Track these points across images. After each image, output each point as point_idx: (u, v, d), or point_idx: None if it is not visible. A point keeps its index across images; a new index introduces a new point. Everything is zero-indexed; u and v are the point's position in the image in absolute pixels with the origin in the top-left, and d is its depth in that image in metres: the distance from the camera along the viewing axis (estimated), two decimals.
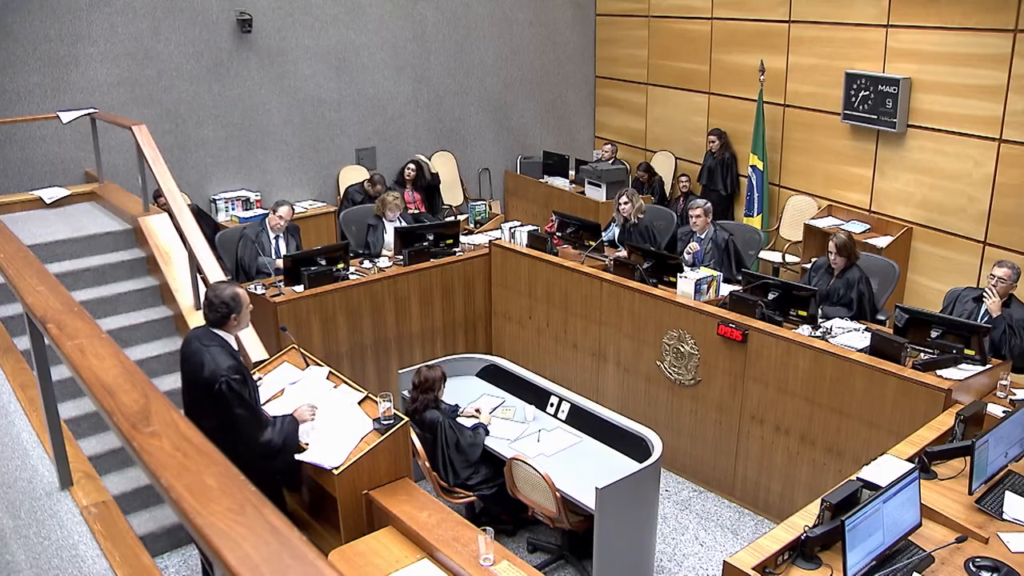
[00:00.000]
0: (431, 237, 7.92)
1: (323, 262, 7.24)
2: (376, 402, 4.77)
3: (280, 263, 7.46)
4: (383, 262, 7.75)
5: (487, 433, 5.80)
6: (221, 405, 4.39)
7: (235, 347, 4.64)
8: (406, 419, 4.76)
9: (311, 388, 5.12)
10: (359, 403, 4.93)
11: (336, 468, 4.46)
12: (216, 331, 4.57)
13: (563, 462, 5.55)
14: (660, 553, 5.92)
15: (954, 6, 8.25)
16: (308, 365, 5.33)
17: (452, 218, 9.57)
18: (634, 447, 5.56)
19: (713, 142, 10.69)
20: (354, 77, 10.60)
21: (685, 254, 7.66)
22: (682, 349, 6.52)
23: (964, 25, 8.19)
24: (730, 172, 10.71)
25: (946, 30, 8.37)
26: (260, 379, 5.22)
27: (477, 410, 6.07)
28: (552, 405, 6.14)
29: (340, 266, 7.35)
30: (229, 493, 1.61)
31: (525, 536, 6.02)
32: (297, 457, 4.58)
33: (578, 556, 5.67)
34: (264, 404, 4.95)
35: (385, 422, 4.69)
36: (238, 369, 4.48)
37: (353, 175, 10.49)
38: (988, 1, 7.95)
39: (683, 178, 10.97)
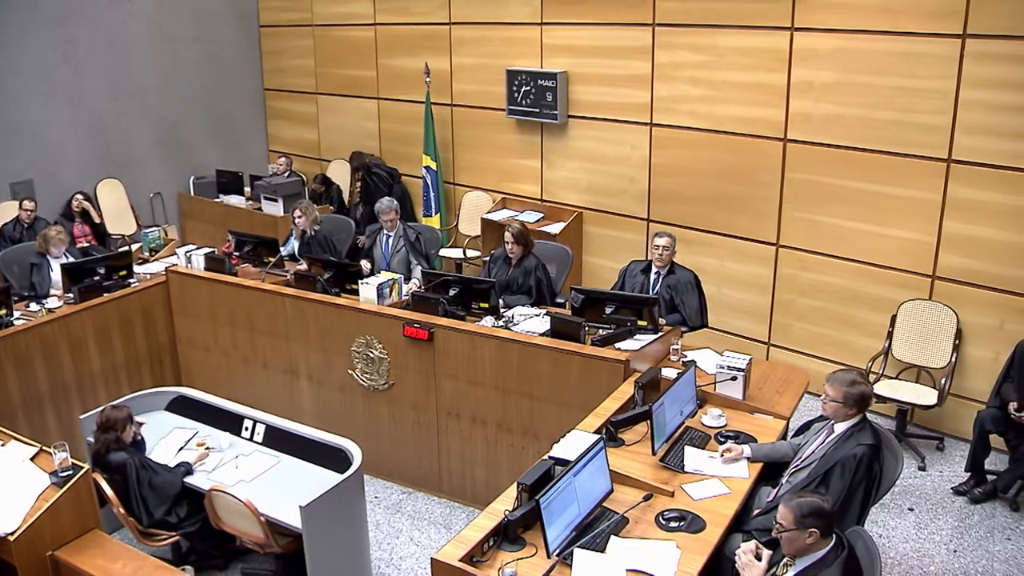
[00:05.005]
0: (102, 270, 7.53)
1: None
2: (51, 454, 4.50)
3: None
4: (52, 302, 7.26)
5: (190, 472, 5.56)
6: None
7: None
8: (86, 467, 4.52)
9: None
10: (31, 458, 4.63)
11: (10, 533, 4.17)
12: None
13: (264, 485, 5.45)
14: (377, 560, 5.95)
15: (599, 4, 8.81)
16: None
17: (124, 248, 9.12)
18: (334, 459, 5.53)
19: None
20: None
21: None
22: (371, 355, 6.58)
23: (610, 21, 8.77)
24: (378, 177, 10.88)
25: (595, 26, 8.92)
26: None
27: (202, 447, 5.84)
28: (247, 429, 5.99)
29: (2, 312, 6.82)
30: None
31: (239, 567, 5.84)
32: None
33: None
34: None
35: (63, 474, 4.44)
36: None
37: (9, 211, 9.70)
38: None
39: (358, 184, 11.03)
